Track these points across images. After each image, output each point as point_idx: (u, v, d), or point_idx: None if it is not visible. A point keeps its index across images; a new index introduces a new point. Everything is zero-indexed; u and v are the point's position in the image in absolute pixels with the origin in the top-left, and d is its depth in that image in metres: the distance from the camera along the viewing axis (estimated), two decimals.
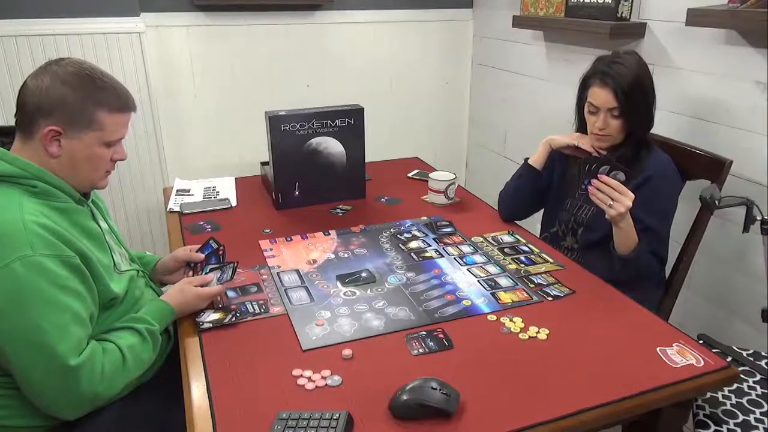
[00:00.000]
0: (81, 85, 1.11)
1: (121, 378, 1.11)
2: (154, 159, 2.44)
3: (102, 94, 1.13)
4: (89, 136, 1.13)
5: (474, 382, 1.06)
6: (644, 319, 1.26)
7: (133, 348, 1.14)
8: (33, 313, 1.01)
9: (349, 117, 1.86)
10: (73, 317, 1.05)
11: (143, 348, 1.16)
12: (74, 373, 1.03)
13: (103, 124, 1.13)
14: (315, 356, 1.14)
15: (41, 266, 1.02)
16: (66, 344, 1.03)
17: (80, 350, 1.05)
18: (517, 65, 2.67)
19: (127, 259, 1.33)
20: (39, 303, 1.01)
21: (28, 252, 1.01)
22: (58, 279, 1.04)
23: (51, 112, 1.09)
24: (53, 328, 1.02)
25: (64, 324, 1.03)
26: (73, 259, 1.07)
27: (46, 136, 1.10)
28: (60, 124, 1.10)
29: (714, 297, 1.83)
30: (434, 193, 1.92)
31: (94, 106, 1.12)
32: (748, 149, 1.63)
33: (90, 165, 1.16)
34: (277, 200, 1.88)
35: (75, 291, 1.07)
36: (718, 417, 1.27)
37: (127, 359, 1.11)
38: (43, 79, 1.10)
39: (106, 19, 2.22)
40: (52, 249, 1.04)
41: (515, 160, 2.74)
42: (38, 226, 1.04)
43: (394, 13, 2.78)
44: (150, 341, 1.17)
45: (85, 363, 1.04)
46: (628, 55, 1.53)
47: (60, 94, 1.09)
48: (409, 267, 1.49)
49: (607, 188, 1.40)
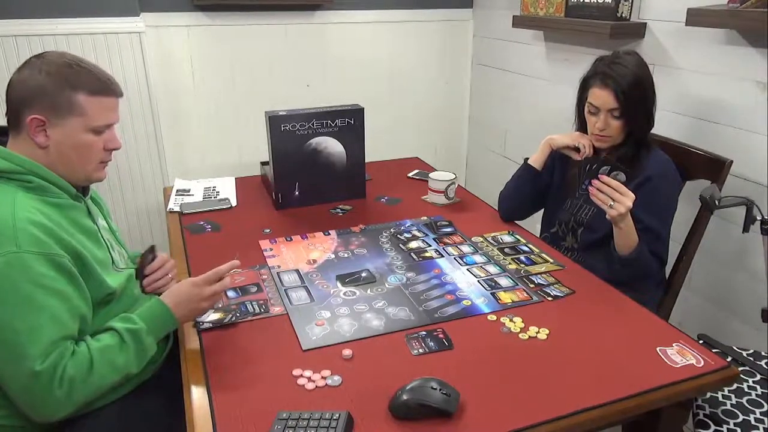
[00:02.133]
0: (58, 71, 1.11)
1: (87, 385, 1.05)
2: (154, 159, 2.44)
3: (78, 78, 1.12)
4: (72, 121, 1.12)
5: (474, 382, 1.06)
6: (644, 319, 1.26)
7: (104, 351, 1.07)
8: (8, 311, 0.99)
9: (349, 117, 1.86)
10: (50, 318, 1.02)
11: (119, 351, 1.09)
12: (38, 377, 1.00)
13: (84, 108, 1.12)
14: (315, 356, 1.14)
15: (24, 264, 1.00)
16: (36, 347, 1.00)
17: (48, 354, 1.01)
18: (517, 65, 2.67)
19: (126, 259, 1.33)
20: (15, 301, 1.00)
21: (12, 248, 1.00)
22: (40, 278, 1.02)
23: (32, 102, 1.10)
24: (26, 329, 1.00)
25: (38, 325, 1.01)
26: (60, 258, 1.05)
27: (31, 126, 1.10)
28: (41, 112, 1.10)
29: (714, 297, 1.83)
30: (434, 193, 1.92)
31: (71, 89, 1.11)
32: (748, 149, 1.63)
33: (79, 154, 1.15)
34: (277, 200, 1.88)
35: (57, 291, 1.04)
36: (718, 417, 1.27)
37: (95, 364, 1.05)
38: (23, 72, 1.12)
39: (106, 19, 2.21)
40: (39, 247, 1.03)
41: (515, 160, 2.74)
42: (29, 223, 1.03)
43: (394, 13, 2.78)
44: (130, 343, 1.10)
45: (48, 369, 1.01)
46: (628, 56, 1.53)
47: (38, 83, 1.10)
48: (409, 267, 1.49)
49: (607, 188, 1.40)
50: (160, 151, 2.45)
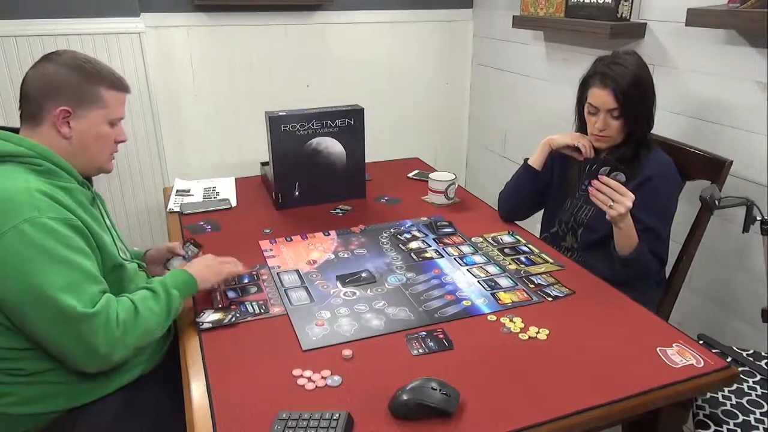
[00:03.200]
0: (81, 67, 1.18)
1: (136, 327, 1.12)
2: (154, 159, 2.44)
3: (100, 73, 1.20)
4: (95, 113, 1.19)
5: (474, 382, 1.06)
6: (644, 319, 1.26)
7: (143, 299, 1.16)
8: (45, 270, 1.03)
9: (349, 117, 1.86)
10: (84, 273, 1.08)
11: (154, 300, 1.17)
12: (90, 322, 1.05)
13: (107, 101, 1.20)
14: (315, 356, 1.14)
15: (49, 227, 1.05)
16: (80, 298, 1.05)
17: (94, 302, 1.07)
18: (517, 65, 2.67)
19: (128, 254, 1.35)
20: (50, 261, 1.04)
21: (35, 214, 1.04)
22: (66, 239, 1.07)
23: (58, 94, 1.15)
24: (66, 285, 1.04)
25: (75, 279, 1.06)
26: (76, 221, 1.11)
27: (58, 117, 1.15)
28: (69, 104, 1.16)
29: (714, 297, 1.83)
30: (434, 193, 1.92)
31: (96, 83, 1.19)
32: (748, 149, 1.63)
33: (98, 144, 1.22)
34: (277, 200, 1.88)
35: (82, 250, 1.10)
36: (718, 417, 1.27)
37: (139, 309, 1.13)
38: (44, 67, 1.17)
39: (106, 20, 2.22)
40: (57, 212, 1.08)
41: (515, 160, 2.74)
42: (43, 194, 1.08)
43: (394, 14, 2.78)
44: (161, 294, 1.18)
45: (101, 312, 1.06)
46: (628, 56, 1.53)
47: (64, 76, 1.16)
48: (409, 267, 1.49)
49: (607, 189, 1.40)
50: (160, 151, 2.45)
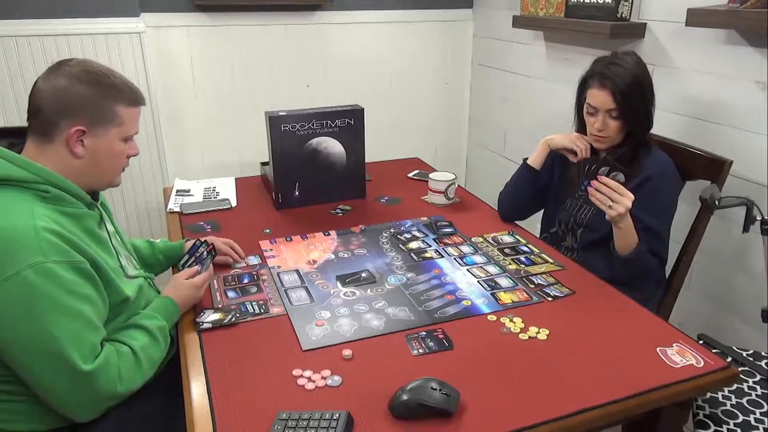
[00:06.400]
0: (98, 81, 1.11)
1: (137, 378, 1.11)
2: (154, 159, 2.44)
3: (118, 89, 1.14)
4: (111, 132, 1.14)
5: (474, 382, 1.06)
6: (644, 319, 1.26)
7: (145, 348, 1.14)
8: (46, 320, 1.00)
9: (348, 117, 1.86)
10: (86, 323, 1.05)
11: (154, 348, 1.16)
12: (90, 378, 1.03)
13: (123, 118, 1.15)
14: (315, 356, 1.14)
15: (53, 273, 1.01)
16: (80, 350, 1.02)
17: (95, 355, 1.05)
18: (517, 65, 2.67)
19: (133, 263, 1.33)
20: (52, 310, 1.00)
21: (39, 259, 1.00)
22: (70, 284, 1.03)
23: (73, 113, 1.09)
24: (67, 335, 1.01)
25: (77, 330, 1.03)
26: (83, 264, 1.06)
27: (72, 137, 1.10)
28: (84, 123, 1.10)
29: (714, 297, 1.83)
30: (434, 193, 1.92)
31: (113, 101, 1.13)
32: (748, 149, 1.63)
33: (111, 162, 1.17)
34: (277, 200, 1.88)
35: (86, 296, 1.06)
36: (718, 417, 1.27)
37: (140, 360, 1.11)
38: (57, 80, 1.09)
39: (106, 20, 2.22)
40: (62, 255, 1.03)
41: (515, 160, 2.74)
42: (49, 232, 1.03)
43: (394, 14, 2.78)
44: (160, 339, 1.17)
45: (101, 367, 1.04)
46: (626, 56, 1.53)
47: (80, 93, 1.09)
48: (409, 267, 1.49)
49: (606, 189, 1.40)
50: (160, 151, 2.45)
